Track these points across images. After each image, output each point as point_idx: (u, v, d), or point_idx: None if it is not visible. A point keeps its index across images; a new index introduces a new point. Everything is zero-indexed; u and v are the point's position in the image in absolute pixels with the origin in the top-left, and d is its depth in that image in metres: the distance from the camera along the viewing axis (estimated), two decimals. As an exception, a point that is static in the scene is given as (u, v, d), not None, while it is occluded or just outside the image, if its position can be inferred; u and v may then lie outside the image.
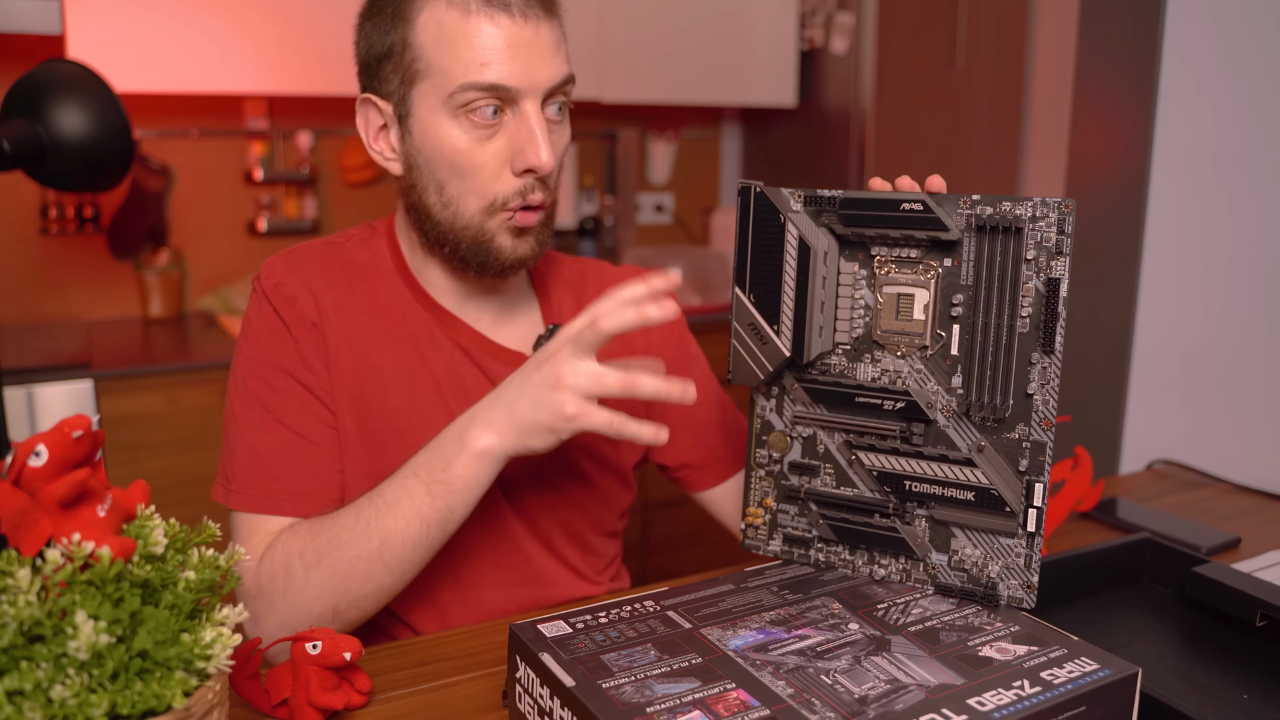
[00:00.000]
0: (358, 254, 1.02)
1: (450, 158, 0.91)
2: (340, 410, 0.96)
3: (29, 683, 0.51)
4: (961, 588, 0.82)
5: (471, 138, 0.90)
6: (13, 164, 1.16)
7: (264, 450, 0.93)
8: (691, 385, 0.83)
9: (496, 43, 0.88)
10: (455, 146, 0.90)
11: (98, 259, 2.38)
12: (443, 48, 0.89)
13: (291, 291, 0.96)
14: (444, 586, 1.00)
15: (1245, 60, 1.59)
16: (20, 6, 1.89)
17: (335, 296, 0.98)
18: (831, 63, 2.75)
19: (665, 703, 0.65)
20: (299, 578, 0.87)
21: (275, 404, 0.94)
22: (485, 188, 0.92)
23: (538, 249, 0.96)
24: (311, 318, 0.96)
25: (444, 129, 0.90)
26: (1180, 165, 1.69)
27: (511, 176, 0.92)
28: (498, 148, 0.91)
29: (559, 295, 1.08)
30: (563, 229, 2.88)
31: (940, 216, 0.79)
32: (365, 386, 0.97)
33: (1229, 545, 1.17)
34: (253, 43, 2.16)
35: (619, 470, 1.08)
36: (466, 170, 0.91)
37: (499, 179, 0.92)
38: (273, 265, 0.99)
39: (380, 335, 0.98)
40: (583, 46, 2.52)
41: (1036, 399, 0.78)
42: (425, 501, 0.85)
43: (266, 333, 0.96)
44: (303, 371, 0.95)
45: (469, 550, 1.01)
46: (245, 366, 0.96)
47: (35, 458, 0.55)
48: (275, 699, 0.77)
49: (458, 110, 0.89)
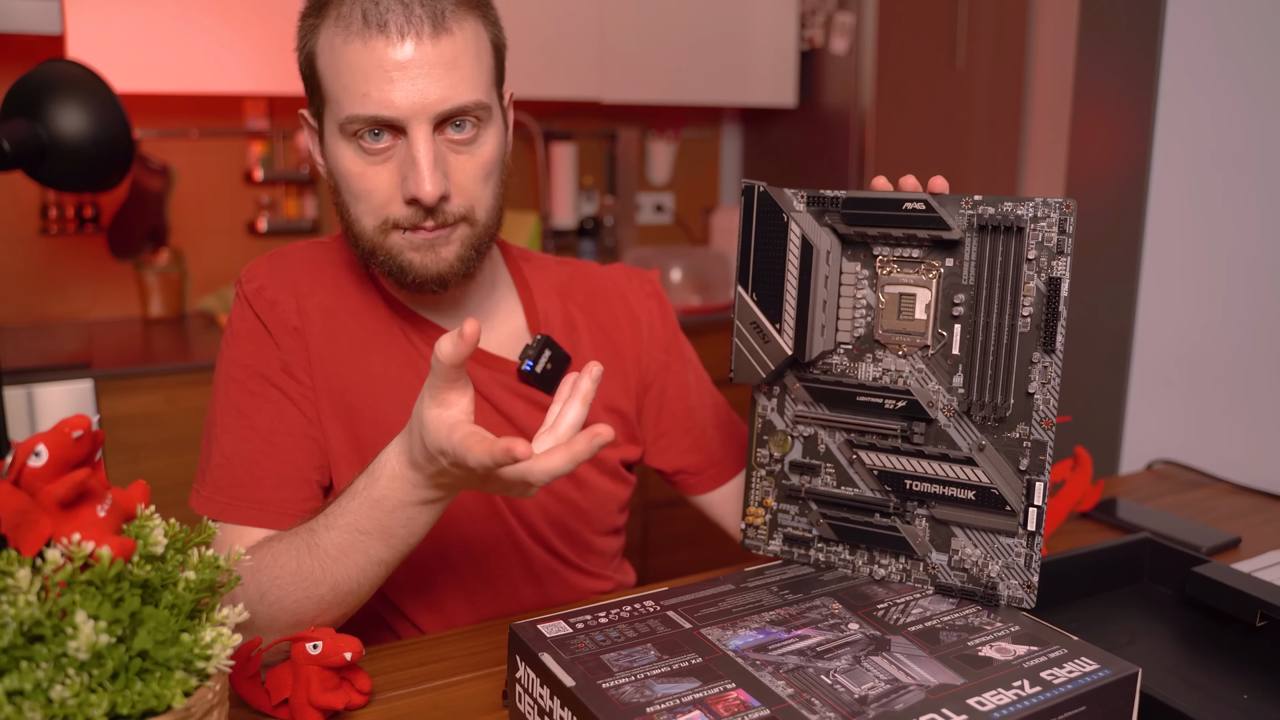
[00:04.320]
0: (343, 255, 1.00)
1: (345, 180, 0.89)
2: (327, 417, 0.95)
3: (29, 683, 0.51)
4: (961, 588, 0.82)
5: (364, 161, 0.88)
6: (13, 164, 1.16)
7: (234, 457, 0.92)
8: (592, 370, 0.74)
9: (377, 68, 0.84)
10: (349, 170, 0.88)
11: (98, 259, 2.38)
12: (332, 74, 0.87)
13: (273, 295, 0.95)
14: (448, 588, 1.00)
15: (1245, 60, 1.59)
16: (20, 6, 1.89)
17: (320, 299, 0.97)
18: (831, 63, 2.75)
19: (665, 703, 0.65)
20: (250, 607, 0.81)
21: (251, 409, 0.93)
22: (379, 210, 0.89)
23: (459, 266, 0.91)
24: (293, 322, 0.95)
25: (340, 151, 0.89)
26: (1180, 165, 1.69)
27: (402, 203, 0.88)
28: (388, 171, 0.88)
29: (545, 300, 1.05)
30: (563, 229, 2.89)
31: (942, 216, 0.79)
32: (352, 391, 0.95)
33: (1229, 545, 1.17)
34: (253, 43, 2.16)
35: (613, 470, 1.07)
36: (360, 193, 0.89)
37: (391, 203, 0.88)
38: (255, 268, 0.97)
39: (367, 338, 0.97)
40: (583, 46, 2.52)
41: (1037, 398, 0.78)
42: (383, 550, 0.81)
43: (247, 336, 0.95)
44: (282, 377, 0.94)
45: (471, 552, 1.00)
46: (225, 370, 0.95)
47: (35, 458, 0.55)
48: (275, 699, 0.77)
49: (350, 136, 0.87)
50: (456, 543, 0.99)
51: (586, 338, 1.06)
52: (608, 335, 1.07)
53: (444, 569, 1.00)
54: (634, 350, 1.08)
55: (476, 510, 0.99)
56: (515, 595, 1.03)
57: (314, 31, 0.88)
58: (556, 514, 1.03)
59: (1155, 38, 1.70)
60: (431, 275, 0.91)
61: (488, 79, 0.90)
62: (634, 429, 1.09)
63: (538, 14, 2.44)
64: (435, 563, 0.99)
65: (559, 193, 2.83)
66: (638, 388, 1.09)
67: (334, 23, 0.86)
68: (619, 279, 1.11)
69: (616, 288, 1.10)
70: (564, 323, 1.05)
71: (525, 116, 2.72)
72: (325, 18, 0.87)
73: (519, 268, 1.06)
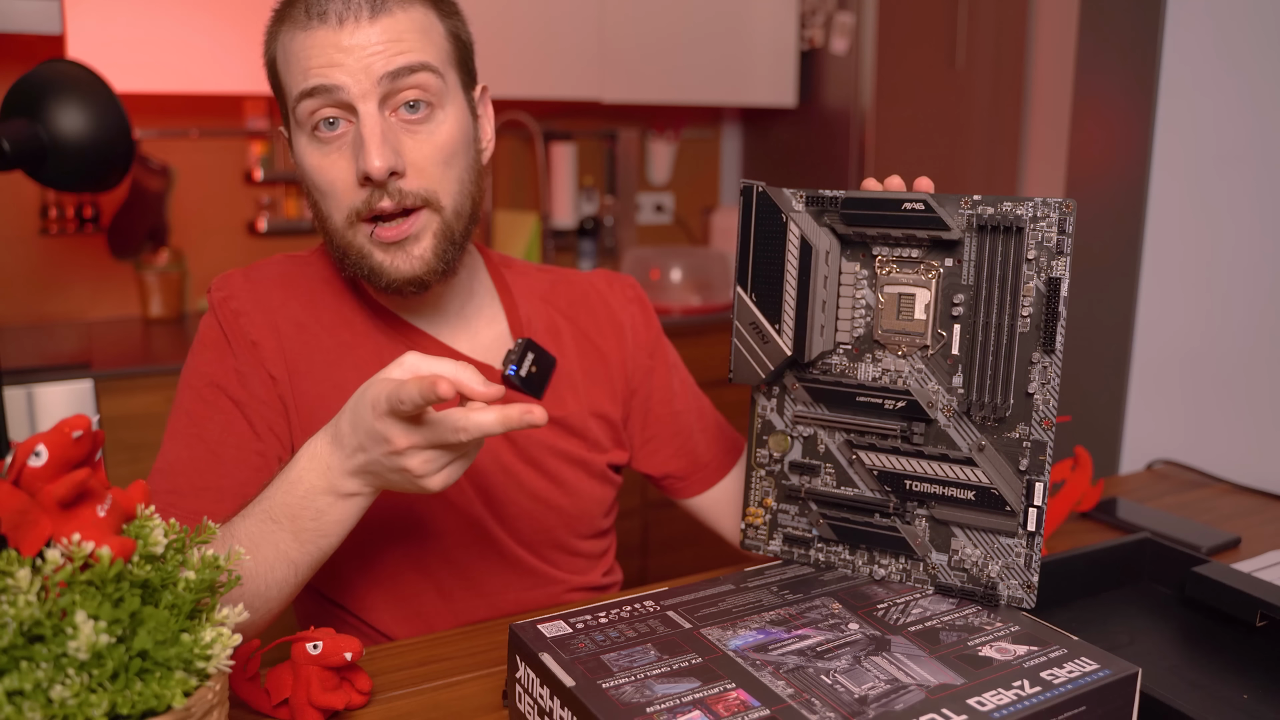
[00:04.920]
0: (319, 269, 1.00)
1: (310, 176, 0.90)
2: (298, 432, 0.94)
3: (29, 683, 0.51)
4: (961, 588, 0.82)
5: (319, 153, 0.88)
6: (13, 164, 1.16)
7: (177, 464, 0.91)
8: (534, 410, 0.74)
9: (322, 51, 0.86)
10: (311, 164, 0.89)
11: (98, 259, 2.38)
12: (284, 67, 0.89)
13: (239, 306, 0.95)
14: (427, 598, 0.99)
15: (1245, 60, 1.59)
16: (20, 6, 1.89)
17: (293, 313, 0.96)
18: (831, 63, 2.75)
19: (665, 703, 0.65)
20: None
21: (203, 418, 0.92)
22: (342, 201, 0.89)
23: (435, 262, 0.90)
24: (252, 336, 0.94)
25: (301, 149, 0.90)
26: (1180, 165, 1.69)
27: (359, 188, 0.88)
28: (345, 159, 0.88)
29: (527, 306, 1.05)
30: (562, 229, 2.89)
31: (942, 216, 0.79)
32: (328, 404, 0.93)
33: (1229, 545, 1.17)
34: (253, 43, 2.15)
35: (600, 472, 1.06)
36: (323, 187, 0.89)
37: (350, 190, 0.88)
38: (228, 279, 0.97)
39: (343, 351, 0.96)
40: (583, 46, 2.52)
41: (1037, 398, 0.78)
42: (292, 547, 0.80)
43: (209, 345, 0.95)
44: (237, 389, 0.93)
45: (451, 561, 0.99)
46: (185, 377, 0.95)
47: (35, 458, 0.55)
48: (275, 699, 0.77)
49: (308, 128, 0.88)
50: (436, 552, 0.99)
51: (571, 343, 1.06)
52: (592, 341, 1.07)
53: (422, 578, 0.99)
54: (619, 355, 1.08)
55: (456, 515, 0.98)
56: (497, 601, 1.02)
57: (274, 39, 0.91)
58: (539, 517, 1.02)
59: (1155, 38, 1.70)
60: (405, 277, 0.90)
61: (441, 58, 0.90)
62: (620, 434, 1.09)
63: (538, 14, 2.44)
64: (412, 574, 0.98)
65: (559, 193, 2.83)
66: (623, 393, 1.08)
67: (287, 25, 0.89)
68: (601, 285, 1.11)
69: (599, 293, 1.10)
70: (548, 328, 1.05)
71: (525, 116, 2.72)
72: (281, 24, 0.90)
73: (500, 273, 1.06)
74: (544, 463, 1.01)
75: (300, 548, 0.80)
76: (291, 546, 0.80)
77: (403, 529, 0.97)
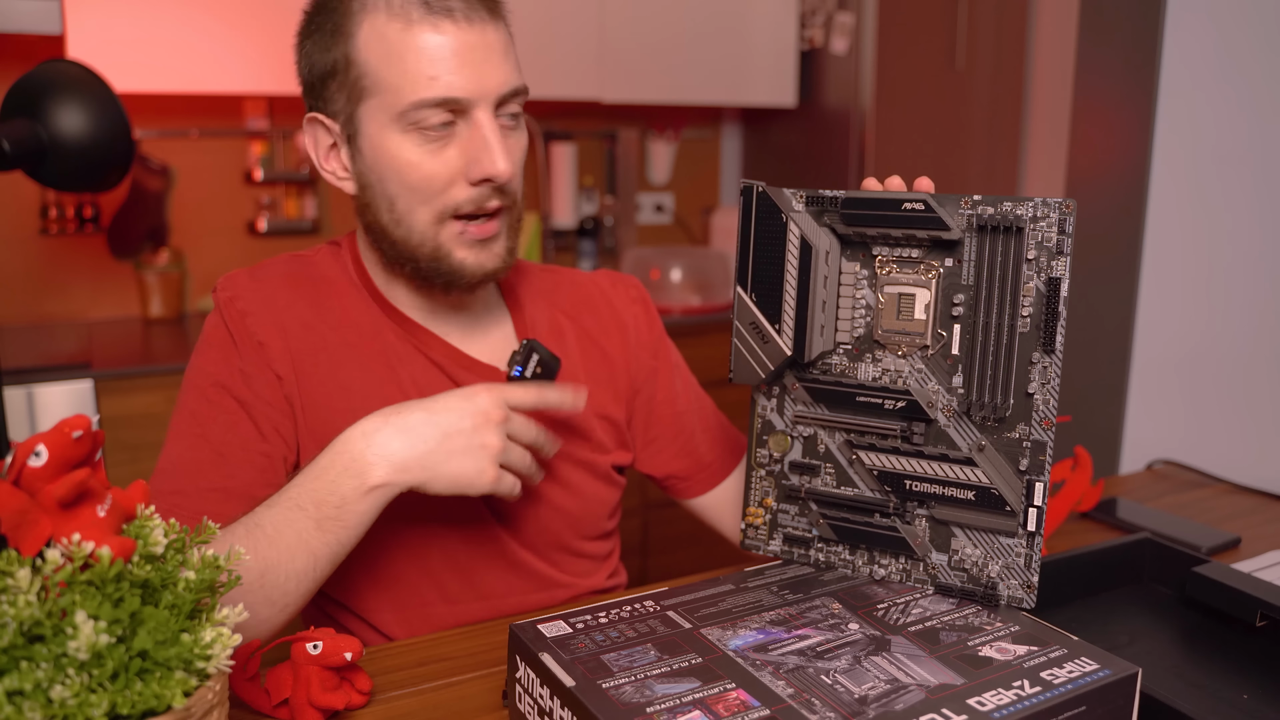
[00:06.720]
0: (326, 269, 1.00)
1: (400, 172, 0.89)
2: (304, 432, 0.94)
3: (29, 683, 0.51)
4: (961, 588, 0.82)
5: (423, 150, 0.88)
6: (13, 164, 1.16)
7: (180, 464, 0.91)
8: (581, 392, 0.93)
9: (443, 52, 0.85)
10: (407, 160, 0.88)
11: (98, 259, 2.38)
12: (388, 63, 0.86)
13: (244, 307, 0.94)
14: (431, 601, 0.99)
15: (1245, 60, 1.59)
16: (20, 6, 1.89)
17: (300, 313, 0.96)
18: (831, 63, 2.75)
19: (665, 703, 0.65)
20: None
21: (206, 417, 0.92)
22: (435, 198, 0.89)
23: (507, 259, 0.94)
24: (258, 336, 0.93)
25: (393, 144, 0.88)
26: (1180, 165, 1.69)
27: (466, 186, 0.89)
28: (450, 158, 0.88)
29: (532, 307, 1.05)
30: (562, 229, 2.89)
31: (941, 216, 0.79)
32: (334, 405, 0.94)
33: (1229, 545, 1.17)
34: (253, 43, 2.16)
35: (604, 474, 1.06)
36: (417, 183, 0.89)
37: (451, 188, 0.89)
38: (234, 278, 0.97)
39: (349, 351, 0.96)
40: (583, 46, 2.52)
41: (1037, 398, 0.78)
42: (314, 535, 0.82)
43: (214, 344, 0.94)
44: (242, 389, 0.92)
45: (455, 564, 0.99)
46: (190, 377, 0.95)
47: (35, 458, 0.55)
48: (275, 699, 0.77)
49: (408, 126, 0.87)
50: (439, 555, 0.98)
51: (575, 344, 1.06)
52: (596, 341, 1.07)
53: (426, 581, 0.99)
54: (622, 356, 1.08)
55: (460, 517, 0.98)
56: (500, 605, 1.01)
57: (352, 27, 0.88)
58: (544, 519, 1.02)
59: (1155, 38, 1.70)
60: (488, 271, 0.93)
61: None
62: (624, 435, 1.09)
63: (538, 14, 2.44)
64: (416, 577, 0.98)
65: (559, 193, 2.83)
66: (627, 393, 1.08)
67: (385, 14, 0.86)
68: (604, 285, 1.11)
69: (602, 294, 1.10)
70: (552, 329, 1.05)
71: (525, 116, 2.71)
72: (369, 11, 0.87)
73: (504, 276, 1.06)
74: (548, 464, 1.01)
75: (321, 537, 0.82)
76: (314, 535, 0.82)
77: (407, 532, 0.97)
